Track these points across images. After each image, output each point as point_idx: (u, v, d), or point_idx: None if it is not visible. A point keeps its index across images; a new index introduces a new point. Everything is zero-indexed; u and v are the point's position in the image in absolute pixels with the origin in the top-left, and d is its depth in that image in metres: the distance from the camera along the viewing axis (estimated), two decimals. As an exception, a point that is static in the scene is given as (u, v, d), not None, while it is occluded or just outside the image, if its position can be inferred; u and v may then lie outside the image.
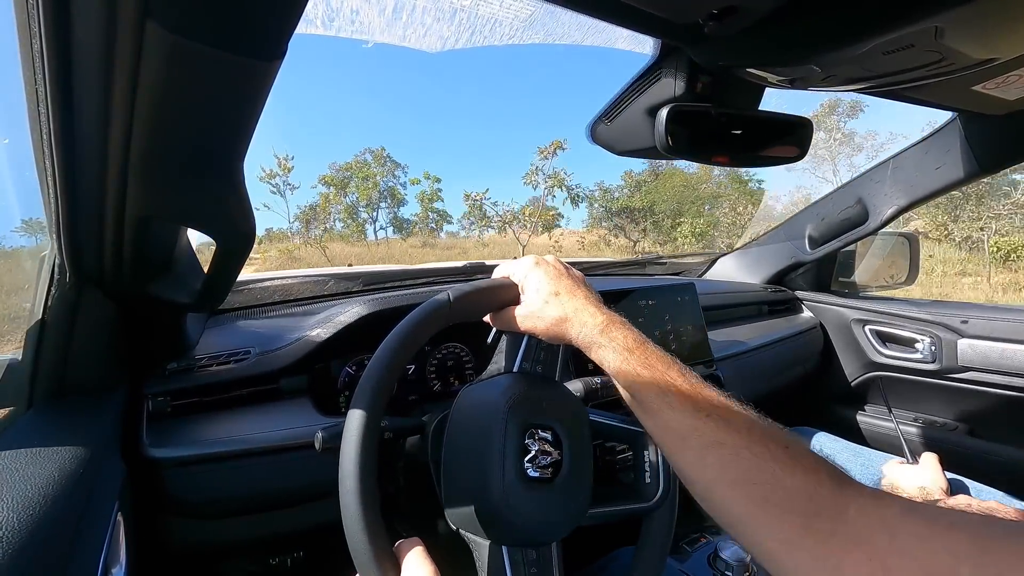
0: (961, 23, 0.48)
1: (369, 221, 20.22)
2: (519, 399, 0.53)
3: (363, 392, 0.48)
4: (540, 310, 0.54)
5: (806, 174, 16.93)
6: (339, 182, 19.29)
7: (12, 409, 0.64)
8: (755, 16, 0.53)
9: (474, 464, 0.52)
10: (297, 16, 0.33)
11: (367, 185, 19.42)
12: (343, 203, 19.08)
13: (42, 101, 0.39)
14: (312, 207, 19.04)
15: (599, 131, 0.84)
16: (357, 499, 0.44)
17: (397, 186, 20.76)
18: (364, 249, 16.62)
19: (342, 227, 19.32)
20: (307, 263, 13.41)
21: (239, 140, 0.42)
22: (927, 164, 1.17)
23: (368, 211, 19.98)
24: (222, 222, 0.52)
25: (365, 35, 0.65)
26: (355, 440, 0.46)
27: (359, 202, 19.42)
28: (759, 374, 1.33)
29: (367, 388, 0.48)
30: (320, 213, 18.68)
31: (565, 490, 0.54)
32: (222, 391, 0.77)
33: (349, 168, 20.00)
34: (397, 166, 20.73)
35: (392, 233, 20.87)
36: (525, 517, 0.51)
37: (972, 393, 1.27)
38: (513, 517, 0.50)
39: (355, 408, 0.47)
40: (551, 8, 0.55)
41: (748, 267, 1.71)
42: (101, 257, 0.56)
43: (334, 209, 19.24)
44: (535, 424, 0.53)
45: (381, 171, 20.07)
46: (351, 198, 19.29)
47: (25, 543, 0.38)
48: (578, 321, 0.52)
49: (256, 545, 0.86)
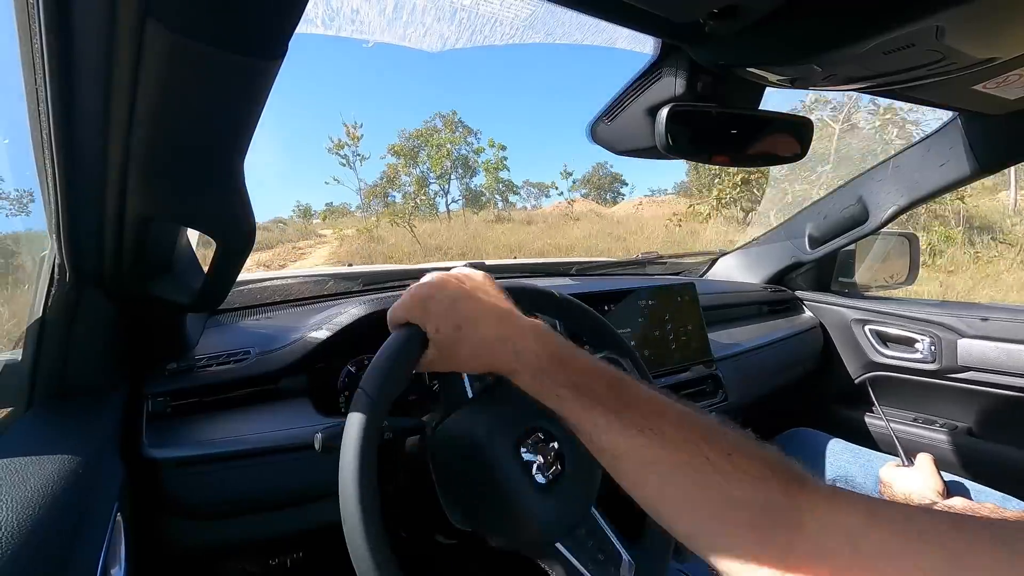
0: (962, 23, 0.48)
1: (440, 194, 18.52)
2: (494, 426, 0.52)
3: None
4: (451, 354, 0.48)
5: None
6: (408, 152, 17.78)
7: (12, 409, 0.64)
8: (755, 15, 0.53)
9: (487, 502, 0.51)
10: (297, 16, 0.33)
11: (440, 154, 17.77)
12: (412, 175, 17.60)
13: (42, 101, 0.39)
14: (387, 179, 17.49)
15: (599, 131, 0.84)
16: (358, 509, 0.44)
17: (470, 154, 19.00)
18: (436, 224, 14.74)
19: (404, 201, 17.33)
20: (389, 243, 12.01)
21: (239, 140, 0.42)
22: (928, 164, 1.17)
23: (441, 183, 18.30)
24: (222, 222, 0.52)
25: (365, 35, 0.65)
26: (355, 448, 0.45)
27: (432, 172, 17.82)
28: (759, 374, 1.33)
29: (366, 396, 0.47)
30: (387, 187, 17.44)
31: (577, 476, 0.55)
32: (222, 391, 0.77)
33: (419, 135, 18.44)
34: (470, 132, 19.30)
35: (461, 206, 19.21)
36: (555, 517, 0.51)
37: (972, 393, 1.27)
38: (542, 526, 0.50)
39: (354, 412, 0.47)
40: (551, 7, 0.55)
41: (748, 267, 1.71)
42: (101, 257, 0.56)
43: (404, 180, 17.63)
44: (522, 435, 0.53)
45: (452, 138, 18.46)
46: (421, 168, 17.74)
47: (25, 543, 0.38)
48: (487, 352, 0.47)
49: (256, 546, 0.85)
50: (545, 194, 18.94)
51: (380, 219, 13.78)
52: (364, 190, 18.88)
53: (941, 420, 1.36)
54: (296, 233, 15.84)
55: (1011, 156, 1.06)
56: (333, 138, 15.71)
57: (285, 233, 15.41)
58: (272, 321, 0.95)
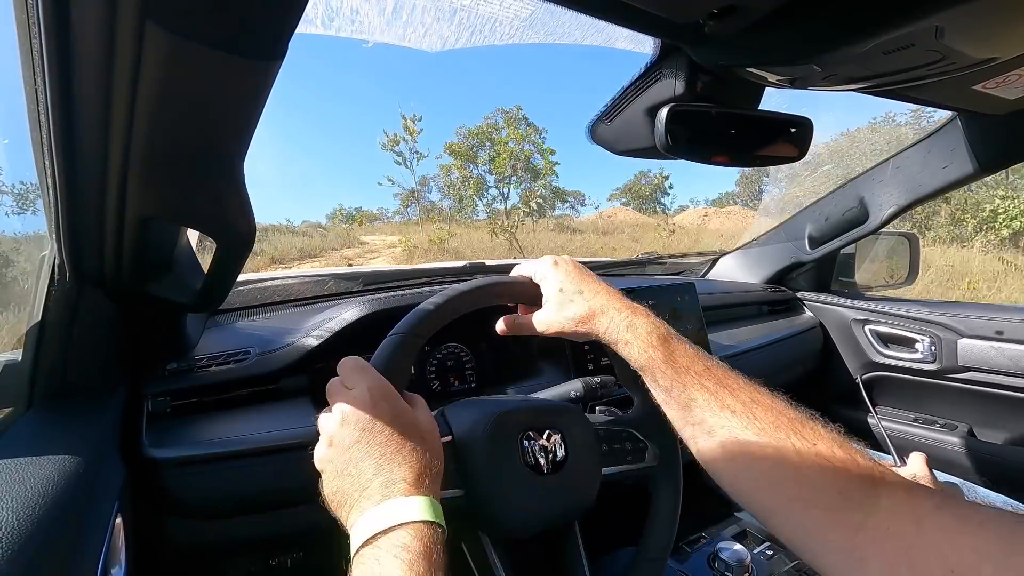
0: (961, 22, 0.48)
1: (500, 199, 16.45)
2: (502, 415, 0.56)
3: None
4: (566, 308, 0.54)
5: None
6: (465, 152, 15.90)
7: (12, 409, 0.64)
8: (755, 15, 0.53)
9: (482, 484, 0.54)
10: (297, 16, 0.33)
11: (504, 152, 15.47)
12: (469, 176, 15.70)
13: (42, 102, 0.39)
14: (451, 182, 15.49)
15: (599, 131, 0.84)
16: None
17: (535, 153, 16.33)
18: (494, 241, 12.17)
19: (451, 205, 15.74)
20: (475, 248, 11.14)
21: (239, 140, 0.42)
22: (928, 164, 1.17)
23: (501, 186, 16.16)
24: (222, 223, 0.52)
25: (365, 35, 0.65)
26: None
27: (495, 172, 15.73)
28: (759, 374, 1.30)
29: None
30: (446, 186, 15.63)
31: (577, 469, 0.57)
32: (222, 391, 0.77)
33: (479, 132, 16.30)
34: (534, 130, 16.55)
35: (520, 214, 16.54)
36: (547, 509, 0.55)
37: (972, 393, 1.27)
38: (533, 513, 0.54)
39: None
40: (551, 7, 0.55)
41: (748, 267, 1.71)
42: (101, 257, 0.56)
43: (453, 179, 15.63)
44: (526, 429, 0.57)
45: (517, 135, 16.26)
46: (480, 170, 15.71)
47: (25, 544, 0.38)
48: (605, 317, 0.53)
49: (256, 545, 0.85)
50: (581, 203, 17.66)
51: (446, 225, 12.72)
52: (402, 195, 17.27)
53: (941, 420, 1.36)
54: (338, 239, 14.23)
55: (1011, 156, 1.06)
56: (388, 133, 14.21)
57: (327, 239, 13.94)
58: (272, 321, 0.95)
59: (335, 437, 0.44)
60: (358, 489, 0.42)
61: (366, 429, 0.44)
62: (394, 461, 0.42)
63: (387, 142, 14.03)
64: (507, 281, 0.59)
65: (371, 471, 0.42)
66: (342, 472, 0.43)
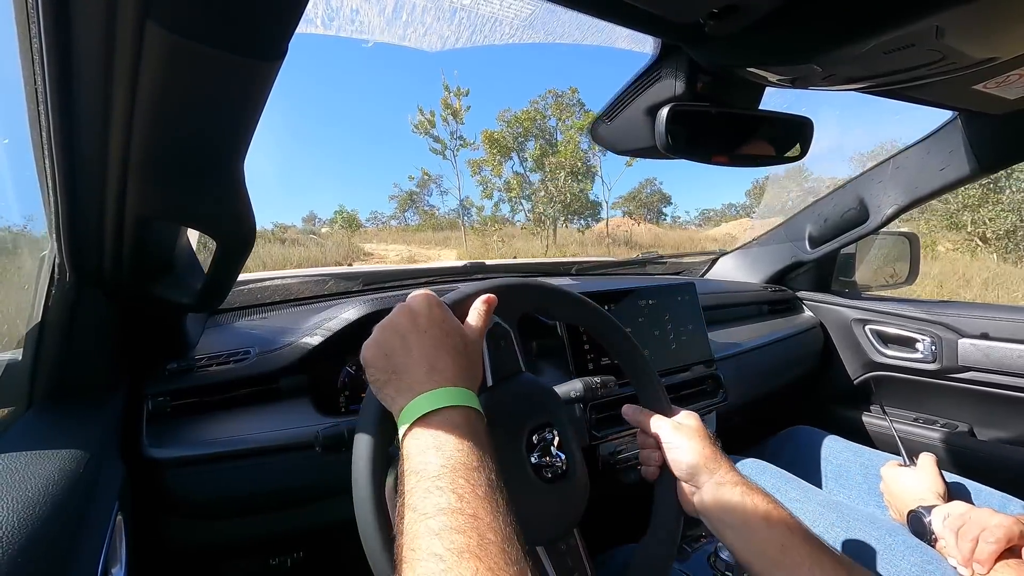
0: (962, 22, 0.48)
1: (548, 202, 12.34)
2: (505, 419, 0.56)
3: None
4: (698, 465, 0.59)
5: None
6: (507, 143, 12.03)
7: (12, 409, 0.64)
8: (755, 15, 0.53)
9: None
10: (297, 16, 0.33)
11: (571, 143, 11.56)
12: (500, 170, 11.66)
13: (42, 101, 0.39)
14: (485, 179, 11.01)
15: (599, 131, 0.84)
16: (371, 505, 0.45)
17: (589, 152, 12.47)
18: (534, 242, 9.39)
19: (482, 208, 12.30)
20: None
21: (239, 140, 0.42)
22: (928, 164, 1.17)
23: (550, 186, 12.09)
24: (222, 223, 0.52)
25: (365, 35, 0.65)
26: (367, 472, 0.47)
27: (548, 170, 11.86)
28: (759, 374, 1.33)
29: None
30: (486, 188, 11.36)
31: (575, 481, 0.58)
32: (222, 391, 0.77)
33: (525, 117, 12.52)
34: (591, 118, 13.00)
35: (562, 223, 13.04)
36: (549, 519, 0.55)
37: (972, 393, 1.27)
38: (538, 525, 0.54)
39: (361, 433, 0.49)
40: (551, 7, 0.55)
41: (748, 267, 1.71)
42: (101, 257, 0.56)
43: (485, 175, 11.58)
44: (530, 433, 0.57)
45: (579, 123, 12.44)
46: (523, 167, 11.89)
47: (25, 543, 0.38)
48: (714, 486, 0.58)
49: (256, 545, 0.86)
50: (595, 215, 14.19)
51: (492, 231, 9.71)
52: (400, 197, 13.62)
53: (941, 420, 1.36)
54: (337, 249, 12.28)
55: (1011, 156, 1.06)
56: (424, 112, 10.06)
57: (324, 249, 11.98)
58: (272, 321, 0.95)
59: (388, 329, 0.48)
60: (408, 376, 0.45)
61: (419, 326, 0.48)
62: (441, 358, 0.46)
63: (421, 123, 10.20)
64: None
65: (422, 362, 0.46)
66: (392, 361, 0.47)
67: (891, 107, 2.01)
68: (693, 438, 0.60)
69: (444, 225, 13.67)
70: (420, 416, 0.42)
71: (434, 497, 0.37)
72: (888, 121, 12.14)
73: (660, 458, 0.61)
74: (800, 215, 1.55)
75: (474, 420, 0.44)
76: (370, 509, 0.45)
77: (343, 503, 0.48)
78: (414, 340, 0.47)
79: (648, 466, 0.64)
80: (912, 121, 1.38)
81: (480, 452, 0.41)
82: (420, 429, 0.42)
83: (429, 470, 0.39)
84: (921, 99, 0.84)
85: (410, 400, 0.43)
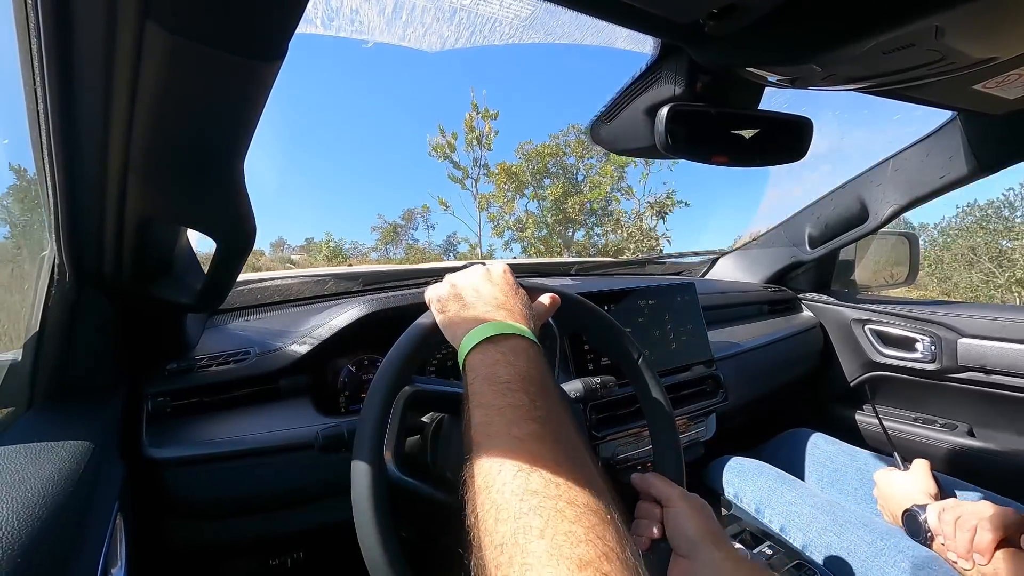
0: (961, 22, 0.48)
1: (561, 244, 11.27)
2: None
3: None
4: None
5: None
6: (520, 178, 10.57)
7: (12, 409, 0.64)
8: (755, 15, 0.53)
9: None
10: (297, 16, 0.33)
11: (603, 182, 10.29)
12: (512, 206, 10.20)
13: (42, 101, 0.39)
14: (493, 216, 9.52)
15: (599, 131, 0.84)
16: (371, 505, 0.45)
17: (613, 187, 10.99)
18: None
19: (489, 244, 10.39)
20: None
21: (239, 141, 0.42)
22: (927, 164, 1.17)
23: (559, 227, 10.94)
24: (222, 223, 0.52)
25: (365, 35, 0.65)
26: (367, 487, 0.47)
27: (570, 210, 10.60)
28: (759, 374, 1.33)
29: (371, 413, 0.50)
30: (497, 225, 10.01)
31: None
32: (222, 391, 0.77)
33: (546, 152, 11.29)
34: (614, 163, 11.80)
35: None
36: None
37: (972, 393, 1.27)
38: None
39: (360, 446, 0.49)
40: (551, 7, 0.55)
41: (748, 267, 1.71)
42: (101, 257, 0.56)
43: (493, 212, 10.07)
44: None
45: (605, 170, 11.08)
46: (537, 204, 10.40)
47: (25, 543, 0.38)
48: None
49: (256, 545, 0.86)
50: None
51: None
52: (383, 229, 11.65)
53: (941, 420, 1.36)
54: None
55: (1011, 156, 1.06)
56: (445, 133, 8.61)
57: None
58: (272, 321, 0.95)
59: (461, 276, 0.54)
60: (475, 309, 0.49)
61: (493, 279, 0.53)
62: (510, 302, 0.50)
63: (439, 146, 8.90)
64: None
65: (491, 301, 0.50)
66: (462, 298, 0.51)
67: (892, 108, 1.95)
68: (702, 511, 0.55)
69: (430, 261, 12.36)
70: (487, 337, 0.44)
71: (507, 397, 0.39)
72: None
73: (656, 532, 0.55)
74: (799, 215, 1.55)
75: (539, 352, 0.45)
76: (368, 507, 0.45)
77: (343, 503, 0.48)
78: (486, 288, 0.51)
79: (639, 536, 0.57)
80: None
81: (547, 372, 0.43)
82: (489, 346, 0.44)
83: (500, 376, 0.41)
84: (921, 99, 0.84)
85: (477, 326, 0.46)
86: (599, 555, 0.28)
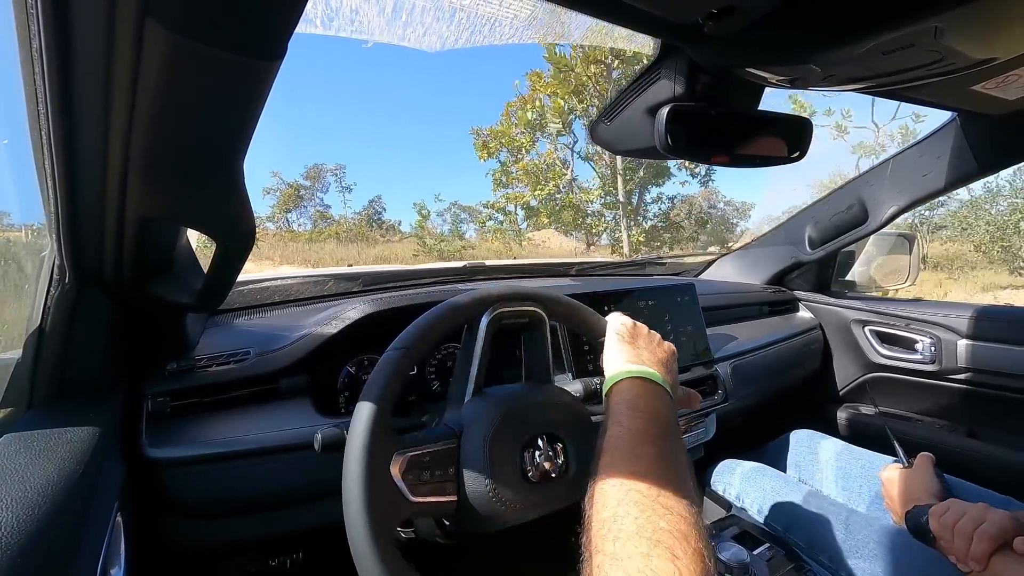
0: (961, 23, 0.48)
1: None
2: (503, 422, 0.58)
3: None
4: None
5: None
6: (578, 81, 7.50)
7: (12, 409, 0.64)
8: (755, 16, 0.53)
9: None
10: (297, 16, 0.33)
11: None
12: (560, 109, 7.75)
13: (42, 101, 0.39)
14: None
15: (599, 131, 0.84)
16: (362, 504, 0.46)
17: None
18: None
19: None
20: None
21: (239, 140, 0.42)
22: (927, 164, 1.17)
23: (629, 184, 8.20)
24: (222, 222, 0.52)
25: (365, 35, 0.65)
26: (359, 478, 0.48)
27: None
28: (759, 375, 1.33)
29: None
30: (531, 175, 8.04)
31: (571, 480, 0.60)
32: (222, 391, 0.77)
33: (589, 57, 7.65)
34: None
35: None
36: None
37: (972, 394, 1.27)
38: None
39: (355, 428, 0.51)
40: (551, 7, 0.55)
41: (748, 267, 1.71)
42: (101, 257, 0.56)
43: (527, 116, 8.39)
44: (528, 440, 0.59)
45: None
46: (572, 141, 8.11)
47: (24, 543, 0.38)
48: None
49: (256, 545, 0.86)
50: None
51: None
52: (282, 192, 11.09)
53: (941, 421, 1.36)
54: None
55: (1011, 156, 1.06)
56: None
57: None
58: (272, 321, 0.95)
59: (640, 327, 0.67)
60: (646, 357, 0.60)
61: (658, 343, 0.66)
62: (667, 367, 0.62)
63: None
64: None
65: (657, 355, 0.62)
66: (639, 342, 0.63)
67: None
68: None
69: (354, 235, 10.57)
70: (644, 376, 0.56)
71: (638, 422, 0.49)
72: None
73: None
74: (799, 216, 1.55)
75: (672, 403, 0.57)
76: (359, 507, 0.45)
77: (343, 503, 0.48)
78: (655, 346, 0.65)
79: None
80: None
81: (673, 416, 0.54)
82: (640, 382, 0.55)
83: (639, 406, 0.52)
84: (920, 99, 0.84)
85: (641, 365, 0.57)
86: (675, 541, 0.37)
